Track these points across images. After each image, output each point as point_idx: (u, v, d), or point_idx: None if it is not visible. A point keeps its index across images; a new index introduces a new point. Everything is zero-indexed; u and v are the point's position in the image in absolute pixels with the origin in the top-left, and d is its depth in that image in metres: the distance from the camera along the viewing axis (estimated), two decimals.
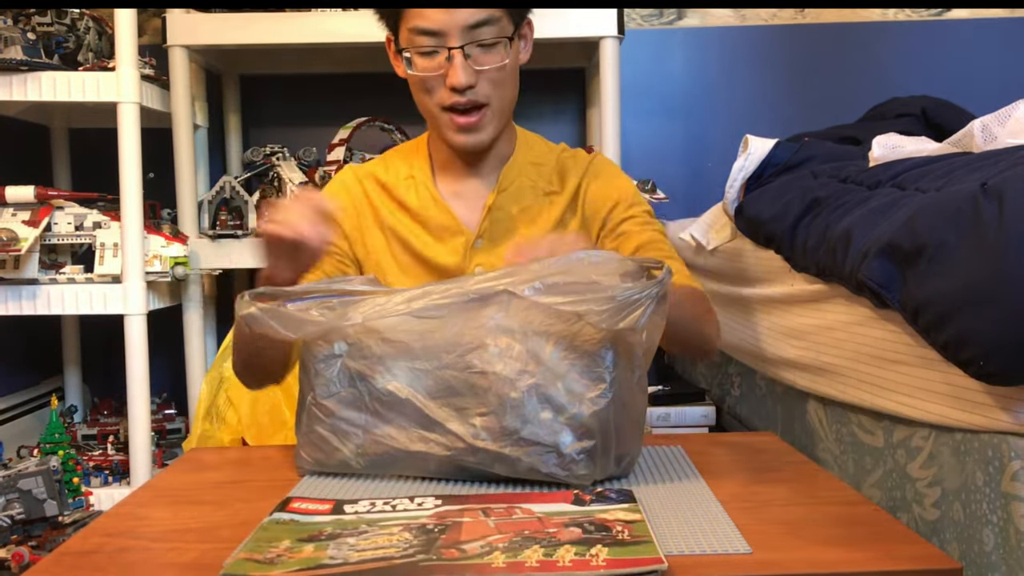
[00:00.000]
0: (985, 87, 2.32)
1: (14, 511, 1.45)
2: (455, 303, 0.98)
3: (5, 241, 1.81)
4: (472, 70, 1.23)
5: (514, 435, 0.96)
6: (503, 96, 1.28)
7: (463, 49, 1.22)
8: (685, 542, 0.80)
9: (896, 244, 1.04)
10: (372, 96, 2.32)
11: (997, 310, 0.89)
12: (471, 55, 1.23)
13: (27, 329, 2.23)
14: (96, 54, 2.00)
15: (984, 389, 0.97)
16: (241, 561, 0.76)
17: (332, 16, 2.06)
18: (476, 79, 1.24)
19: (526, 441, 0.96)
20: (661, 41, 2.48)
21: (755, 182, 1.61)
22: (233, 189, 2.17)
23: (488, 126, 1.28)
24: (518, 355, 0.96)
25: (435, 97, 1.26)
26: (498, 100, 1.27)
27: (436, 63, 1.24)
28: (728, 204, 1.66)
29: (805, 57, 2.47)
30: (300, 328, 0.99)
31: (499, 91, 1.27)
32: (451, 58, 1.23)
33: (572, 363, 0.95)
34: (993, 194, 0.92)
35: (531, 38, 1.34)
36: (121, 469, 2.03)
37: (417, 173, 1.36)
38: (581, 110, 2.48)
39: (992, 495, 0.96)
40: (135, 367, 1.88)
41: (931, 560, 0.76)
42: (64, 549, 0.85)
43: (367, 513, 0.89)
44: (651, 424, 1.86)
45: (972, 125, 1.26)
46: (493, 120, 1.28)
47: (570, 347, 0.95)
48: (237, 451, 1.34)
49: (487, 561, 0.74)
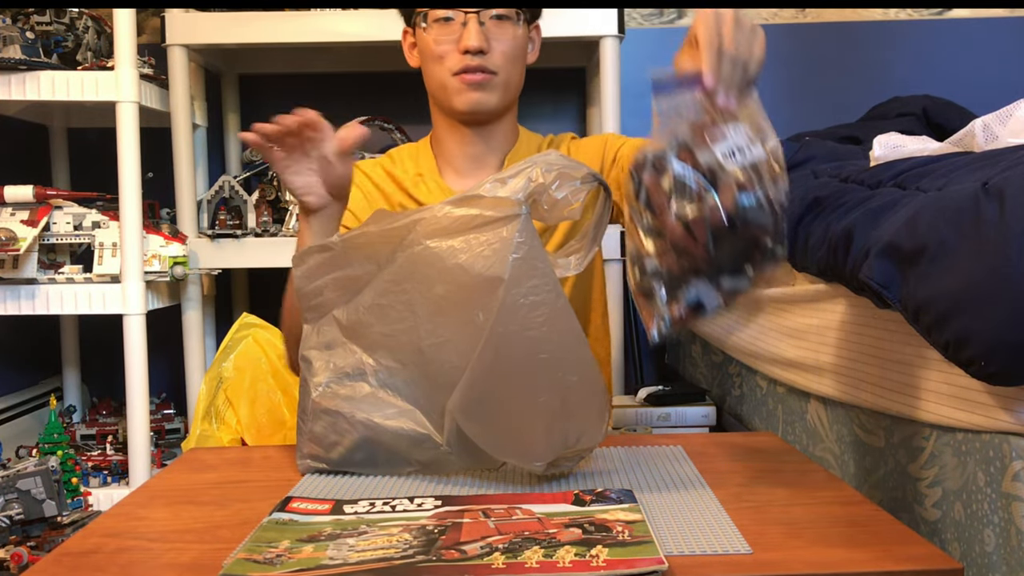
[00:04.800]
0: (986, 86, 2.32)
1: (13, 511, 1.45)
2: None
3: (4, 241, 1.80)
4: (484, 36, 1.30)
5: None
6: (511, 71, 1.34)
7: (478, 14, 1.30)
8: (685, 542, 0.80)
9: (897, 244, 1.04)
10: (372, 96, 2.32)
11: (998, 310, 0.88)
12: (485, 23, 1.30)
13: (26, 329, 2.23)
14: (95, 53, 2.00)
15: (985, 389, 0.97)
16: (240, 561, 0.76)
17: (332, 15, 2.06)
18: (488, 46, 1.30)
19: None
20: (661, 40, 2.47)
21: None
22: (232, 189, 2.16)
23: (494, 93, 1.33)
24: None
25: (447, 63, 1.32)
26: (505, 74, 1.33)
27: (451, 29, 1.31)
28: None
29: (805, 57, 2.47)
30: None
31: (508, 65, 1.33)
32: (466, 23, 1.30)
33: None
34: (994, 194, 0.92)
35: (538, 43, 1.41)
36: (120, 469, 2.03)
37: (425, 171, 1.38)
38: (581, 109, 2.47)
39: (993, 495, 0.96)
40: (134, 367, 1.88)
41: (932, 560, 0.76)
42: (63, 549, 0.85)
43: (367, 513, 0.88)
44: (651, 424, 1.86)
45: (973, 124, 1.25)
46: (499, 89, 1.33)
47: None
48: (236, 451, 1.34)
49: (487, 562, 0.74)
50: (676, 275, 0.88)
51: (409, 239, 0.97)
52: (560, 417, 0.94)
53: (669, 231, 0.87)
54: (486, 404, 0.95)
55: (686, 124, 0.89)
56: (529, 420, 0.94)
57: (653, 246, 0.89)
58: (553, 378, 0.92)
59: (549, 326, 0.91)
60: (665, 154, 0.88)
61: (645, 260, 0.90)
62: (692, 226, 0.86)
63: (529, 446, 0.95)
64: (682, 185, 0.87)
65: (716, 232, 0.86)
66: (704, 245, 0.86)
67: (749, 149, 0.88)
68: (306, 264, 1.04)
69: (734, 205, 0.86)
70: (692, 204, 0.87)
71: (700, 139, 0.88)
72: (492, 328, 0.90)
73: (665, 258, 0.89)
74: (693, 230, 0.86)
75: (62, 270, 1.92)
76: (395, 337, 1.00)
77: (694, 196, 0.87)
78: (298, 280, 1.05)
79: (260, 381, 1.75)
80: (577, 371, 0.94)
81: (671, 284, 0.89)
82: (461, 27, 1.30)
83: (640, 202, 0.90)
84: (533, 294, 0.90)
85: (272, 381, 1.76)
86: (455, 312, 0.94)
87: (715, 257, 0.87)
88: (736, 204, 0.85)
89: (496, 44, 1.31)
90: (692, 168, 0.87)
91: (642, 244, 0.91)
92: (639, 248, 0.91)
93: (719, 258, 0.87)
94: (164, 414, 2.22)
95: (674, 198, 0.87)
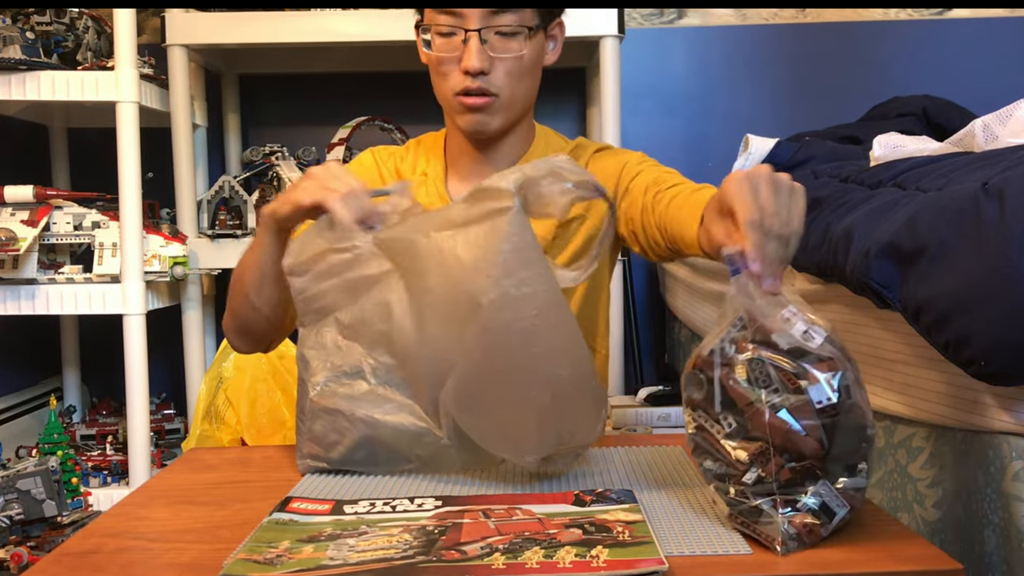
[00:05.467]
0: (986, 86, 2.32)
1: (13, 511, 1.45)
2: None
3: (4, 241, 1.80)
4: (487, 56, 1.22)
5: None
6: (515, 89, 1.26)
7: (480, 33, 1.21)
8: (686, 543, 0.80)
9: (897, 244, 1.04)
10: (372, 96, 2.32)
11: (998, 310, 0.88)
12: (488, 40, 1.21)
13: (26, 329, 2.23)
14: (95, 53, 2.00)
15: (985, 389, 0.97)
16: (241, 561, 0.76)
17: (332, 16, 2.06)
18: (490, 66, 1.22)
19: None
20: (661, 40, 2.48)
21: None
22: (232, 189, 2.17)
23: (496, 116, 1.26)
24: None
25: (449, 82, 1.25)
26: (509, 93, 1.25)
27: (453, 45, 1.23)
28: None
29: (806, 57, 2.47)
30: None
31: (512, 83, 1.25)
32: (467, 40, 1.21)
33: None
34: (994, 194, 0.92)
35: (561, 40, 1.33)
36: (120, 469, 2.03)
37: (431, 171, 1.36)
38: (581, 109, 2.47)
39: (993, 495, 0.96)
40: (134, 367, 1.88)
41: (932, 560, 0.76)
42: (63, 549, 0.85)
43: (367, 514, 0.88)
44: (651, 424, 1.86)
45: (973, 124, 1.25)
46: (501, 111, 1.26)
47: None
48: (236, 451, 1.34)
49: (487, 562, 0.74)
50: (787, 481, 0.77)
51: (410, 235, 0.98)
52: (552, 411, 0.93)
53: (771, 430, 0.77)
54: (478, 397, 0.94)
55: (742, 310, 0.81)
56: (521, 413, 0.93)
57: (746, 453, 0.79)
58: (545, 371, 0.91)
59: (541, 319, 0.90)
60: (733, 346, 0.80)
61: (740, 473, 0.79)
62: (796, 417, 0.77)
63: (521, 440, 0.95)
64: (767, 376, 0.78)
65: (825, 421, 0.77)
66: (817, 439, 0.77)
67: (815, 327, 0.80)
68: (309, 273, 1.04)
69: (833, 388, 0.77)
70: (789, 395, 0.77)
71: (765, 325, 0.80)
72: (483, 320, 0.90)
73: (768, 465, 0.78)
74: (800, 423, 0.77)
75: (62, 270, 1.92)
76: (392, 333, 1.00)
77: (788, 387, 0.78)
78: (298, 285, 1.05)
79: (260, 381, 1.75)
80: (570, 365, 0.92)
81: (785, 493, 0.77)
82: (463, 44, 1.22)
83: (716, 406, 0.80)
84: (525, 285, 0.89)
85: (272, 381, 1.76)
86: (449, 305, 0.94)
87: (829, 451, 0.77)
88: (835, 387, 0.78)
89: (499, 64, 1.23)
90: (773, 355, 0.78)
91: (729, 454, 0.80)
92: (726, 459, 0.80)
93: (832, 452, 0.78)
94: (164, 414, 2.22)
95: (764, 392, 0.78)
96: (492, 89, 1.24)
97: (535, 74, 1.29)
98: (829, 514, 0.78)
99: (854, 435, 0.79)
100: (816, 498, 0.78)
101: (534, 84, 1.30)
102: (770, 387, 0.78)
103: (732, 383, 0.79)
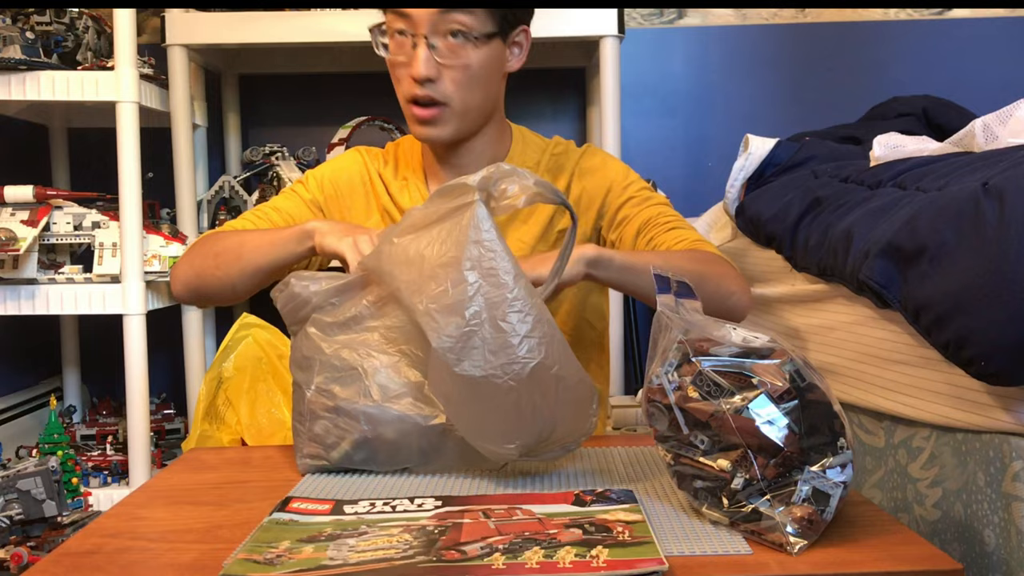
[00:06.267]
0: (986, 87, 2.32)
1: (13, 511, 1.45)
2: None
3: (4, 241, 1.80)
4: (434, 63, 1.20)
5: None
6: (466, 98, 1.23)
7: (427, 39, 1.19)
8: (686, 543, 0.80)
9: (897, 244, 1.04)
10: (372, 96, 2.32)
11: (998, 310, 0.89)
12: (436, 47, 1.19)
13: (26, 329, 2.23)
14: (95, 53, 2.00)
15: (985, 389, 0.97)
16: (241, 561, 0.76)
17: (332, 15, 2.06)
18: (438, 74, 1.21)
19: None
20: (661, 40, 2.48)
21: (756, 182, 1.61)
22: (232, 189, 2.17)
23: (447, 125, 1.24)
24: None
25: (402, 87, 1.25)
26: (460, 102, 1.23)
27: (405, 50, 1.22)
28: (729, 204, 1.66)
29: (805, 57, 2.47)
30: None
31: (462, 92, 1.22)
32: (415, 45, 1.20)
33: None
34: (994, 194, 0.92)
35: (526, 47, 1.29)
36: (120, 469, 2.03)
37: (410, 175, 1.37)
38: (581, 109, 2.47)
39: (993, 495, 0.96)
40: (134, 367, 1.88)
41: (932, 561, 0.76)
42: (63, 550, 0.85)
43: (367, 514, 0.88)
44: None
45: (973, 125, 1.26)
46: (453, 120, 1.24)
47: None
48: (236, 451, 1.34)
49: (487, 562, 0.74)
50: (775, 477, 0.79)
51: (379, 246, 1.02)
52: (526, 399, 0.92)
53: (741, 432, 0.79)
54: (452, 387, 0.95)
55: (677, 331, 0.85)
56: (493, 404, 0.93)
57: (727, 461, 0.80)
58: (511, 359, 0.91)
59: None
60: (676, 370, 0.83)
61: (728, 481, 0.81)
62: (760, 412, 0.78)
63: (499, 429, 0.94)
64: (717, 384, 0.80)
65: (788, 407, 0.79)
66: (787, 426, 0.78)
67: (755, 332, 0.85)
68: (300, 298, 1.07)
69: (784, 376, 0.80)
70: (745, 393, 0.79)
71: (704, 339, 0.83)
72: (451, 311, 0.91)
73: (751, 467, 0.79)
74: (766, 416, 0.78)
75: (62, 270, 1.92)
76: (386, 331, 1.03)
77: (741, 387, 0.80)
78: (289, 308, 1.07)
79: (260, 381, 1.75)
80: (541, 352, 0.92)
81: (776, 489, 0.79)
82: (412, 50, 1.20)
83: (683, 429, 0.82)
84: (491, 275, 0.91)
85: (272, 381, 1.76)
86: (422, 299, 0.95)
87: (803, 435, 0.79)
88: (786, 374, 0.80)
89: (447, 71, 1.20)
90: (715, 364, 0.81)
91: (712, 468, 0.81)
92: (711, 474, 0.82)
93: (807, 436, 0.79)
94: (164, 414, 2.22)
95: (722, 399, 0.80)
96: (440, 98, 1.22)
97: (490, 81, 1.26)
98: (824, 498, 0.79)
99: (822, 413, 0.80)
100: (807, 485, 0.79)
101: (491, 91, 1.27)
102: (723, 393, 0.80)
103: (689, 403, 0.82)
